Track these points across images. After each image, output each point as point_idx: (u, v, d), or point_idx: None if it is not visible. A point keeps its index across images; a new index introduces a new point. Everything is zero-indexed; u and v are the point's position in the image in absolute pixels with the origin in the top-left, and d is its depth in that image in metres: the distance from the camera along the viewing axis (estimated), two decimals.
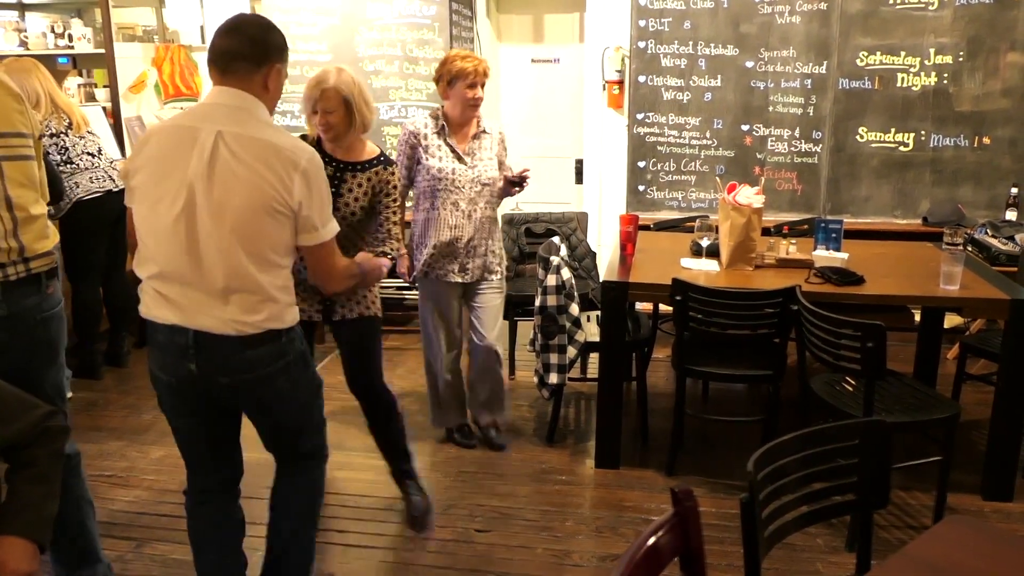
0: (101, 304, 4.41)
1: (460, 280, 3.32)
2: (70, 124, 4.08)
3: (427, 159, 3.23)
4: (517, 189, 3.42)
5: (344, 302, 2.80)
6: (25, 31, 5.52)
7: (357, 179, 2.72)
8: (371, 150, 2.78)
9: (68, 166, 4.06)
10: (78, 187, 4.07)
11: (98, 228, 4.24)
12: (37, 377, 2.12)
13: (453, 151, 3.24)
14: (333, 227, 2.05)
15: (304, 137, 2.75)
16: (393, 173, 2.79)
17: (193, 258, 1.90)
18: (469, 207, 3.25)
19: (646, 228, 4.20)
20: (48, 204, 2.51)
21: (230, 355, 1.97)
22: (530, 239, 4.58)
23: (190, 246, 1.90)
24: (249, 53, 1.93)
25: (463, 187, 3.23)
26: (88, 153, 4.16)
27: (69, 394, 3.91)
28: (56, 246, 2.22)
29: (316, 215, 1.96)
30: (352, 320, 2.82)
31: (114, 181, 4.22)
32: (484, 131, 3.33)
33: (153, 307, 1.98)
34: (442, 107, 3.29)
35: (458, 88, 3.18)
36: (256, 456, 3.67)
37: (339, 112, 2.63)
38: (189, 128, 1.90)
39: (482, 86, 3.22)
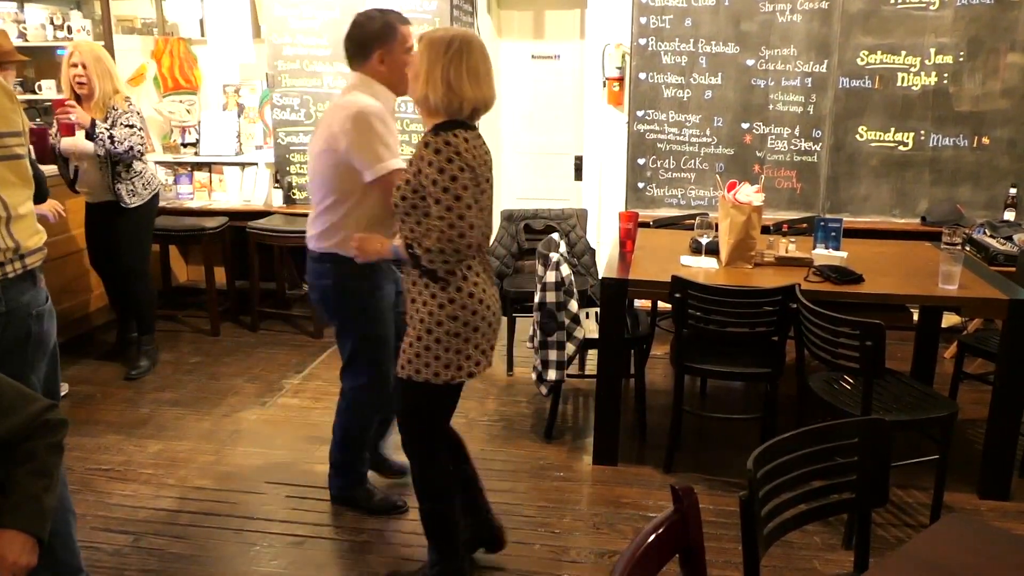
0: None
1: None
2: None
3: None
4: None
5: None
6: (24, 22, 5.49)
7: None
8: None
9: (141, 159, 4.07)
10: (155, 178, 4.06)
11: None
12: (32, 373, 2.10)
13: None
14: (382, 167, 2.51)
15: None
16: None
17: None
18: None
19: (645, 225, 4.20)
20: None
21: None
22: (529, 235, 4.58)
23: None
24: (349, 49, 2.64)
25: None
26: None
27: (65, 390, 3.93)
28: (45, 242, 2.20)
29: (356, 156, 2.52)
30: None
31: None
32: None
33: None
34: None
35: None
36: (257, 453, 3.65)
37: None
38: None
39: None
